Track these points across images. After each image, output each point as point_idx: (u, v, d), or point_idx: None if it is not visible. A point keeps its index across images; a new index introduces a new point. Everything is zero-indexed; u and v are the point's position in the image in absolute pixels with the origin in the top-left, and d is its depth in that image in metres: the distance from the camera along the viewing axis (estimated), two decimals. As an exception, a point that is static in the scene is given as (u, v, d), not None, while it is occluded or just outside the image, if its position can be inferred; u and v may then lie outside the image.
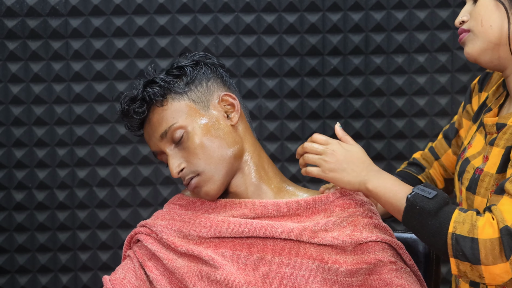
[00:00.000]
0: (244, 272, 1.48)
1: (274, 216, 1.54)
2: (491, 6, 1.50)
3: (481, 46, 1.51)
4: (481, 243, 1.32)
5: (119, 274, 1.55)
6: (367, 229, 1.50)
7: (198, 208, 1.59)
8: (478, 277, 1.34)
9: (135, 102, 1.56)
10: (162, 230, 1.56)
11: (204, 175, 1.54)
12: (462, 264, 1.35)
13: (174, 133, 1.54)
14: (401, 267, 1.48)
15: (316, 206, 1.55)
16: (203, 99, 1.57)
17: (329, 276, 1.46)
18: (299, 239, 1.49)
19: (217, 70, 1.63)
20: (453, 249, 1.34)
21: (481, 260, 1.32)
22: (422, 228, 1.40)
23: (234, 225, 1.51)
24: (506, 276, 1.33)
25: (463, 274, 1.36)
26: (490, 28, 1.50)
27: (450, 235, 1.35)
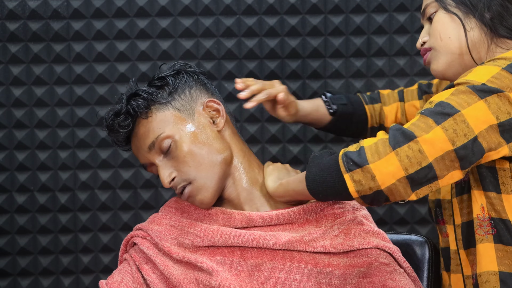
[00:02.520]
0: (238, 278, 1.49)
1: (265, 226, 1.54)
2: (446, 19, 1.54)
3: (445, 60, 1.56)
4: (366, 148, 1.37)
5: (116, 277, 1.55)
6: (359, 236, 1.49)
7: (192, 213, 1.60)
8: (371, 179, 1.34)
9: (119, 116, 1.56)
10: (159, 236, 1.56)
11: (196, 183, 1.54)
12: (355, 174, 1.35)
13: (161, 143, 1.54)
14: (394, 268, 1.48)
15: (307, 216, 1.55)
16: (187, 107, 1.57)
17: (322, 280, 1.47)
18: (291, 249, 1.50)
19: (199, 77, 1.63)
20: (344, 164, 1.37)
21: (368, 160, 1.34)
22: (319, 168, 1.42)
23: (227, 236, 1.52)
24: (396, 170, 1.33)
25: (359, 185, 1.36)
26: (449, 40, 1.54)
27: (341, 156, 1.39)
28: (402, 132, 1.35)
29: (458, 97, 1.38)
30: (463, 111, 1.36)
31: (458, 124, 1.35)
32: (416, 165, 1.33)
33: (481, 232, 1.47)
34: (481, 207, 1.47)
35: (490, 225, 1.46)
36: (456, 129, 1.35)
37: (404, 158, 1.33)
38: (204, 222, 1.57)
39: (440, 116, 1.36)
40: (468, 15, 1.53)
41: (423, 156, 1.34)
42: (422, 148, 1.34)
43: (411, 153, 1.33)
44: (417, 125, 1.36)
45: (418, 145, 1.34)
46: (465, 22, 1.53)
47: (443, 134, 1.34)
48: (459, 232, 1.53)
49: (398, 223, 2.50)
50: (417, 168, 1.34)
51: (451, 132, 1.34)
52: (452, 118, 1.35)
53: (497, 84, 1.38)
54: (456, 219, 1.53)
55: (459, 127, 1.35)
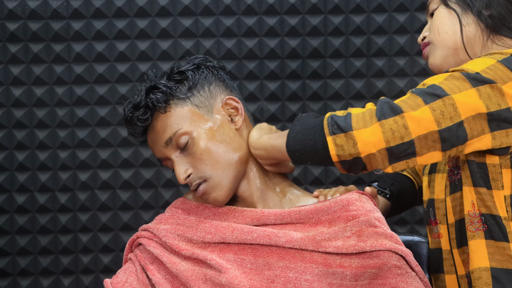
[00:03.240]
0: (248, 276, 1.48)
1: (277, 224, 1.53)
2: (445, 14, 1.57)
3: (441, 54, 1.58)
4: (353, 115, 1.39)
5: (120, 277, 1.54)
6: (372, 238, 1.48)
7: (200, 213, 1.58)
8: (353, 145, 1.36)
9: (138, 109, 1.54)
10: (166, 235, 1.55)
11: (212, 181, 1.53)
12: (338, 138, 1.37)
13: (179, 140, 1.52)
14: (406, 271, 1.46)
15: (319, 216, 1.54)
16: (206, 104, 1.56)
17: (333, 281, 1.45)
18: (303, 248, 1.49)
19: (218, 73, 1.61)
20: (329, 126, 1.39)
21: (352, 126, 1.37)
22: (303, 127, 1.43)
23: (238, 232, 1.50)
24: (377, 141, 1.35)
25: (340, 149, 1.38)
26: (446, 35, 1.57)
27: (326, 118, 1.40)
28: (390, 106, 1.38)
29: (451, 82, 1.40)
30: (453, 95, 1.38)
31: (446, 106, 1.37)
32: (398, 139, 1.36)
33: (472, 229, 1.47)
34: (471, 203, 1.47)
35: (481, 221, 1.47)
36: (443, 111, 1.37)
37: (388, 131, 1.35)
38: (214, 219, 1.56)
39: (430, 97, 1.38)
40: (466, 11, 1.55)
41: (407, 131, 1.36)
42: (407, 124, 1.36)
43: (395, 126, 1.36)
44: (406, 101, 1.38)
45: (403, 120, 1.36)
46: (462, 17, 1.55)
47: (430, 114, 1.36)
48: (453, 231, 1.53)
49: (398, 224, 2.50)
50: (398, 142, 1.36)
51: (438, 113, 1.37)
52: (441, 100, 1.38)
53: (491, 75, 1.40)
54: (449, 218, 1.53)
55: (446, 110, 1.37)
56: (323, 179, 2.50)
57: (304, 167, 2.52)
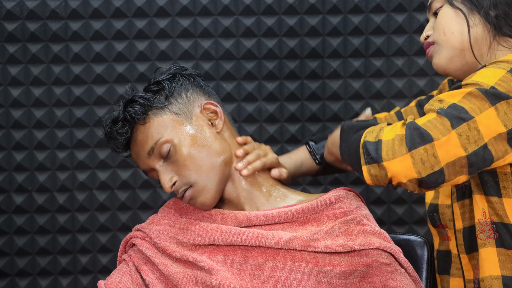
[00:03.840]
0: (239, 277, 1.49)
1: (265, 225, 1.54)
2: (450, 14, 1.55)
3: (447, 55, 1.56)
4: (384, 142, 1.38)
5: (114, 278, 1.55)
6: (360, 236, 1.49)
7: (191, 214, 1.60)
8: (385, 176, 1.38)
9: (117, 123, 1.56)
10: (158, 236, 1.56)
11: (197, 186, 1.54)
12: (372, 168, 1.39)
13: (161, 148, 1.54)
14: (395, 269, 1.48)
15: (307, 215, 1.55)
16: (185, 110, 1.57)
17: (323, 279, 1.46)
18: (292, 248, 1.50)
19: (195, 80, 1.63)
20: (364, 156, 1.40)
21: (382, 157, 1.37)
22: (345, 147, 1.47)
23: (227, 235, 1.52)
24: (408, 172, 1.36)
25: (374, 179, 1.40)
26: (452, 35, 1.55)
27: (362, 144, 1.41)
28: (419, 133, 1.36)
29: (471, 101, 1.38)
30: (476, 117, 1.36)
31: (471, 130, 1.36)
32: (429, 169, 1.35)
33: (483, 237, 1.47)
34: (482, 211, 1.47)
35: (492, 229, 1.46)
36: (468, 136, 1.35)
37: (418, 161, 1.35)
38: (204, 221, 1.57)
39: (456, 120, 1.36)
40: (472, 11, 1.53)
41: (437, 160, 1.35)
42: (436, 153, 1.35)
43: (425, 156, 1.35)
44: (434, 124, 1.37)
45: (433, 149, 1.34)
46: (469, 18, 1.53)
47: (457, 140, 1.35)
48: (460, 237, 1.52)
49: (397, 224, 2.50)
50: (429, 172, 1.35)
51: (464, 138, 1.35)
52: (467, 124, 1.36)
53: (505, 88, 1.38)
54: (457, 224, 1.53)
55: (471, 134, 1.36)
56: (321, 179, 2.50)
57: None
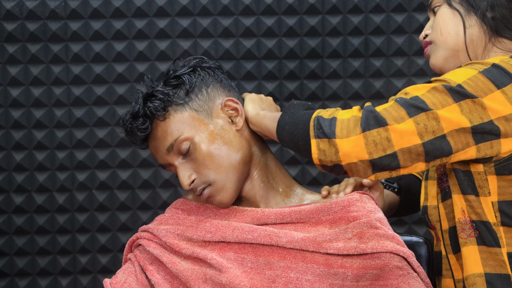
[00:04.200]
0: (249, 275, 1.47)
1: (277, 224, 1.53)
2: (448, 15, 1.56)
3: (443, 55, 1.57)
4: (338, 120, 1.38)
5: (120, 277, 1.54)
6: (373, 239, 1.47)
7: (201, 213, 1.58)
8: (335, 153, 1.36)
9: (137, 119, 1.53)
10: (166, 234, 1.54)
11: (216, 185, 1.52)
12: (322, 142, 1.37)
13: (180, 146, 1.51)
14: (408, 272, 1.45)
15: (320, 216, 1.53)
16: (205, 107, 1.54)
17: (335, 281, 1.45)
18: (304, 249, 1.48)
19: (215, 73, 1.59)
20: (314, 129, 1.38)
21: (336, 134, 1.36)
22: (291, 119, 1.43)
23: (238, 232, 1.50)
24: (360, 151, 1.35)
25: (322, 154, 1.38)
26: (449, 36, 1.55)
27: (313, 119, 1.39)
28: (374, 116, 1.36)
29: (434, 96, 1.39)
30: (437, 111, 1.37)
31: (429, 120, 1.37)
32: (381, 151, 1.35)
33: (464, 236, 1.47)
34: (461, 210, 1.47)
35: (472, 227, 1.46)
36: (426, 125, 1.36)
37: (371, 143, 1.35)
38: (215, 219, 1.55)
39: (414, 109, 1.37)
40: (469, 12, 1.54)
41: (390, 144, 1.35)
42: (390, 137, 1.35)
43: (378, 138, 1.35)
44: (389, 112, 1.37)
45: (387, 132, 1.35)
46: (465, 19, 1.54)
47: (414, 127, 1.36)
48: (447, 237, 1.53)
49: (396, 224, 2.50)
50: (381, 154, 1.35)
51: (422, 126, 1.36)
52: (425, 114, 1.37)
53: (472, 88, 1.39)
54: (443, 224, 1.53)
55: (430, 123, 1.37)
56: (321, 179, 2.50)
57: (302, 168, 2.52)
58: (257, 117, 1.56)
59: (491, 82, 1.40)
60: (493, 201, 1.45)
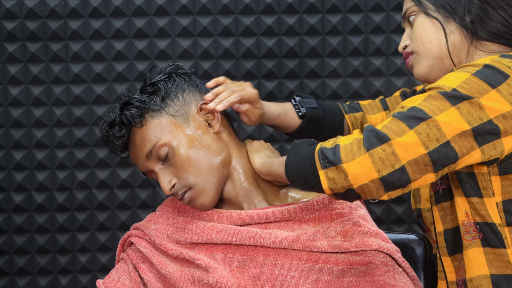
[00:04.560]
0: (235, 274, 1.49)
1: (261, 223, 1.54)
2: (427, 24, 1.56)
3: (427, 64, 1.57)
4: (341, 146, 1.37)
5: (113, 277, 1.55)
6: (357, 237, 1.49)
7: (188, 212, 1.60)
8: (344, 178, 1.35)
9: (113, 127, 1.56)
10: (156, 234, 1.56)
11: (196, 188, 1.54)
12: (330, 171, 1.36)
13: (159, 151, 1.53)
14: (393, 268, 1.48)
15: (303, 215, 1.55)
16: (181, 112, 1.57)
17: (320, 276, 1.47)
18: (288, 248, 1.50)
19: (191, 79, 1.62)
20: (320, 161, 1.38)
21: (341, 159, 1.35)
22: (296, 157, 1.43)
23: (223, 234, 1.52)
24: (369, 171, 1.34)
25: (332, 182, 1.37)
26: (430, 44, 1.55)
27: (317, 151, 1.39)
28: (375, 134, 1.36)
29: (430, 103, 1.38)
30: (436, 117, 1.37)
31: (430, 128, 1.36)
32: (389, 167, 1.34)
33: (468, 238, 1.47)
34: (465, 213, 1.47)
35: (476, 229, 1.46)
36: (429, 133, 1.36)
37: (378, 160, 1.34)
38: (201, 220, 1.57)
39: (413, 120, 1.36)
40: (448, 19, 1.54)
41: (396, 158, 1.34)
42: (395, 151, 1.34)
43: (384, 155, 1.34)
44: (389, 127, 1.37)
45: (391, 147, 1.34)
46: (445, 26, 1.54)
47: (416, 138, 1.35)
48: (441, 240, 1.53)
49: (396, 223, 2.50)
50: (390, 170, 1.34)
51: (424, 135, 1.35)
52: (425, 123, 1.36)
53: (467, 90, 1.39)
54: (437, 227, 1.53)
55: (431, 132, 1.36)
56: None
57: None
58: (265, 166, 1.58)
59: (485, 82, 1.40)
60: (497, 201, 1.45)
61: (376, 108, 1.87)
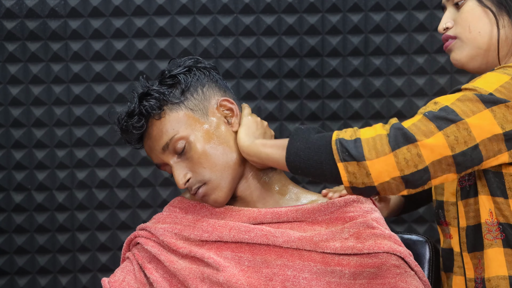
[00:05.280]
0: (246, 274, 1.47)
1: (274, 223, 1.53)
2: (478, 12, 1.51)
3: (469, 53, 1.52)
4: (363, 141, 1.34)
5: (118, 276, 1.54)
6: (370, 239, 1.48)
7: (198, 212, 1.58)
8: (366, 175, 1.33)
9: (132, 118, 1.54)
10: (164, 233, 1.54)
11: (211, 184, 1.53)
12: (350, 165, 1.34)
13: (176, 145, 1.52)
14: (405, 271, 1.46)
15: (316, 216, 1.53)
16: (200, 107, 1.55)
17: (332, 279, 1.45)
18: (300, 248, 1.49)
19: (211, 74, 1.60)
20: (339, 152, 1.34)
21: (365, 156, 1.33)
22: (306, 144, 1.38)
23: (235, 231, 1.50)
24: (391, 170, 1.33)
25: (352, 176, 1.34)
26: (478, 35, 1.51)
27: (334, 142, 1.36)
28: (403, 133, 1.34)
29: (464, 103, 1.36)
30: (467, 119, 1.35)
31: (460, 131, 1.34)
32: (413, 168, 1.33)
33: (490, 237, 1.46)
34: (489, 212, 1.46)
35: (499, 229, 1.45)
36: (457, 136, 1.34)
37: (402, 160, 1.32)
38: (212, 218, 1.56)
39: (444, 122, 1.34)
40: (502, 12, 1.50)
41: (421, 159, 1.33)
42: (420, 152, 1.33)
43: (409, 155, 1.33)
44: (418, 127, 1.35)
45: (417, 148, 1.33)
46: (499, 18, 1.49)
47: (444, 140, 1.33)
48: (463, 235, 1.51)
49: (396, 222, 2.50)
50: (413, 170, 1.33)
51: (452, 138, 1.34)
52: (455, 125, 1.34)
53: (505, 95, 1.37)
54: (461, 222, 1.52)
55: (460, 134, 1.34)
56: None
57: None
58: (254, 146, 1.51)
59: None
60: None
61: None
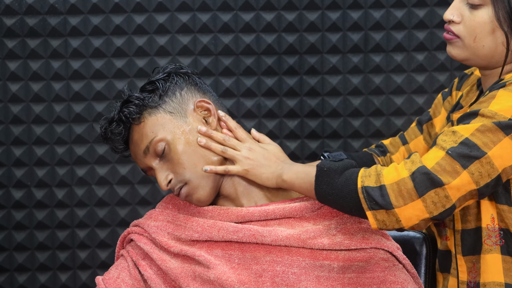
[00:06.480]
0: (236, 271, 1.50)
1: (262, 221, 1.55)
2: (489, 28, 1.48)
3: (468, 57, 1.52)
4: (388, 188, 1.36)
5: (112, 273, 1.56)
6: (358, 234, 1.50)
7: (188, 209, 1.60)
8: (396, 222, 1.37)
9: (111, 124, 1.58)
10: (156, 231, 1.57)
11: (192, 184, 1.55)
12: (379, 214, 1.37)
13: (156, 147, 1.55)
14: (393, 264, 1.49)
15: (304, 213, 1.55)
16: (179, 109, 1.58)
17: (321, 273, 1.47)
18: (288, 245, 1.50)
19: (190, 78, 1.63)
20: (366, 202, 1.37)
21: (392, 204, 1.36)
22: (332, 190, 1.42)
23: (224, 232, 1.52)
24: (420, 214, 1.36)
25: (382, 224, 1.38)
26: (482, 47, 1.50)
27: (360, 190, 1.38)
28: (429, 178, 1.35)
29: (484, 135, 1.37)
30: (489, 152, 1.36)
31: (483, 166, 1.36)
32: (441, 208, 1.36)
33: (490, 243, 1.47)
34: (491, 217, 1.47)
35: (499, 236, 1.47)
36: (481, 172, 1.36)
37: (430, 204, 1.35)
38: (201, 217, 1.58)
39: (467, 160, 1.36)
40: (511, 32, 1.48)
41: (448, 199, 1.36)
42: (448, 194, 1.36)
43: (437, 198, 1.35)
44: (443, 167, 1.36)
45: (445, 191, 1.35)
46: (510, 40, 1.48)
47: (469, 178, 1.36)
48: (458, 238, 1.53)
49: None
50: (441, 211, 1.36)
51: (477, 175, 1.36)
52: (479, 161, 1.36)
53: None
54: (456, 225, 1.53)
55: (484, 169, 1.37)
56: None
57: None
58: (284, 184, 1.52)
59: None
60: None
61: (396, 145, 1.84)
